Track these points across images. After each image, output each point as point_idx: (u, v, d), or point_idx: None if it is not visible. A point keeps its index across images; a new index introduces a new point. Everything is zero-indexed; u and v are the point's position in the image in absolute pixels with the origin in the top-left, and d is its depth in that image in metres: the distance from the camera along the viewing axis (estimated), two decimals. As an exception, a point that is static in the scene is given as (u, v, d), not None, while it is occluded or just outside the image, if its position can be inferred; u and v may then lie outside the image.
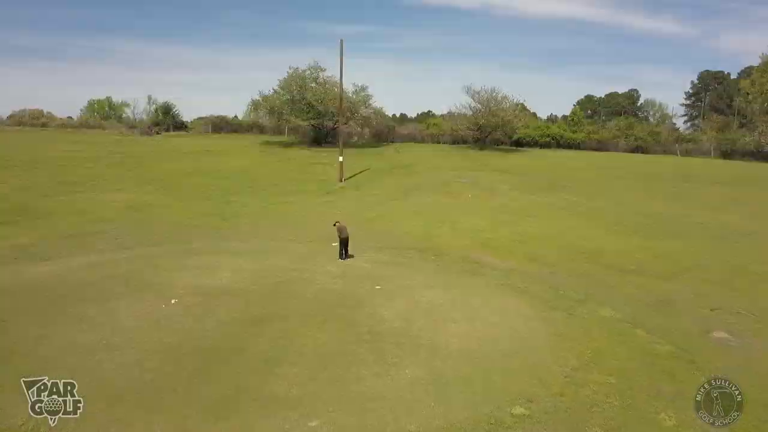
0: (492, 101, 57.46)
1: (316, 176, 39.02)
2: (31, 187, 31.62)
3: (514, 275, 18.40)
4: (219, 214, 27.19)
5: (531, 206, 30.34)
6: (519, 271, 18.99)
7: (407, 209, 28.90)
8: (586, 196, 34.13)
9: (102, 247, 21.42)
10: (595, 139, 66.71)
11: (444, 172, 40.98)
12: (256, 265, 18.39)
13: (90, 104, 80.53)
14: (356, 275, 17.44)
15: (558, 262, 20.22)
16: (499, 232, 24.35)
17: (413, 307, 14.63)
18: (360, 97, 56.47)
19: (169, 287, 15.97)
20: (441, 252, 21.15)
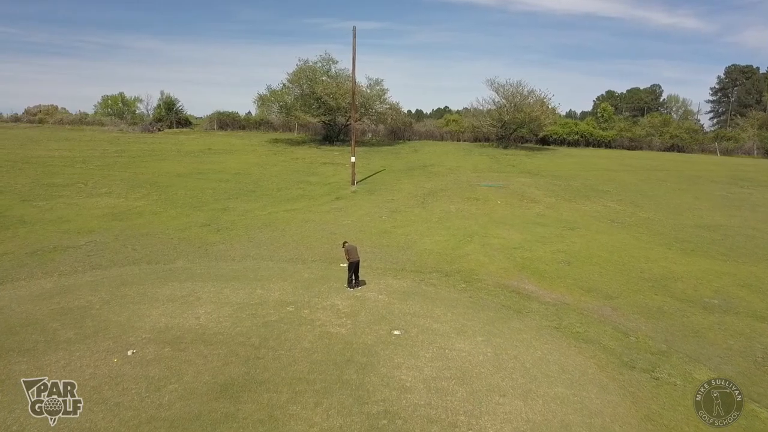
0: (517, 96, 53.28)
1: (326, 178, 35.32)
2: (10, 191, 28.43)
3: (569, 313, 14.56)
4: (213, 224, 23.65)
5: (571, 216, 26.38)
6: (573, 306, 15.12)
7: (428, 219, 25.10)
8: (631, 203, 30.05)
9: (69, 266, 18.02)
10: (627, 136, 62.23)
11: (467, 174, 37.08)
12: (243, 296, 14.81)
13: (104, 100, 78.25)
14: (368, 312, 13.76)
15: (619, 293, 16.30)
16: (538, 250, 20.47)
17: (444, 368, 10.90)
18: (375, 91, 52.68)
19: (131, 329, 12.50)
20: (472, 277, 17.36)
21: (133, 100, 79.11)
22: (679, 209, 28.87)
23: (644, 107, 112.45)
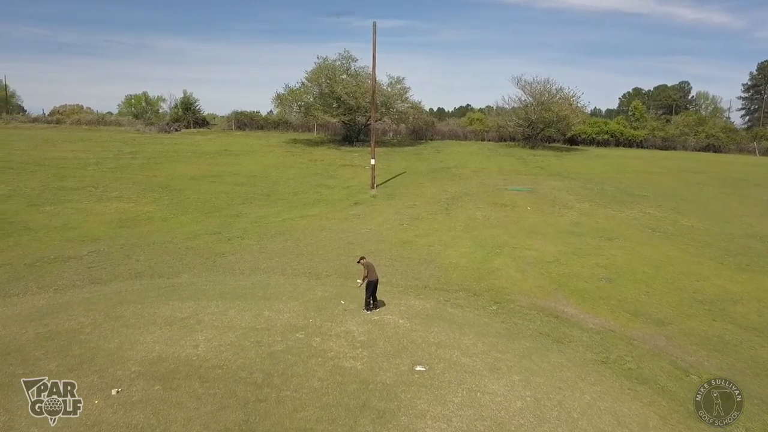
0: (545, 94, 51.04)
1: (344, 181, 33.79)
2: (19, 194, 27.56)
3: (616, 343, 12.74)
4: (223, 233, 22.29)
5: (608, 224, 24.39)
6: (620, 334, 13.29)
7: (453, 227, 23.37)
8: (672, 209, 27.88)
9: (67, 280, 16.81)
10: (660, 136, 59.43)
11: (493, 177, 35.21)
12: (249, 318, 13.33)
13: (127, 99, 78.26)
14: (387, 341, 12.14)
15: (671, 318, 14.40)
16: (575, 264, 18.61)
17: (476, 418, 9.23)
18: (396, 90, 50.93)
19: (120, 361, 11.08)
20: (503, 297, 15.62)
21: (156, 99, 79.02)
22: (725, 216, 26.63)
23: (672, 105, 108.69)
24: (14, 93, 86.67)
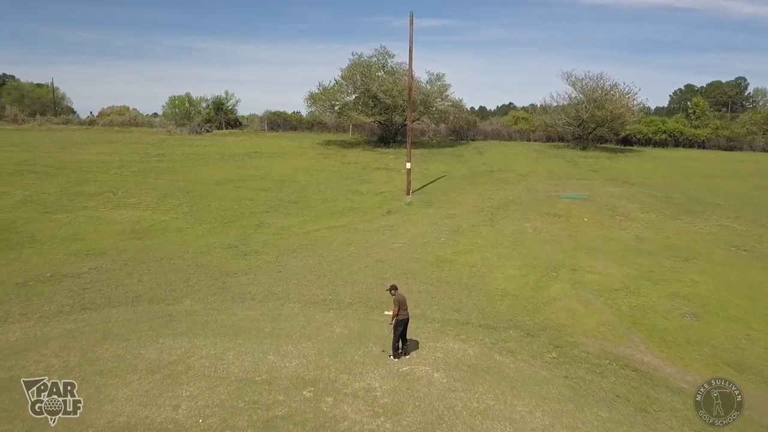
0: (598, 91, 47.05)
1: (378, 186, 31.14)
2: (35, 200, 26.12)
3: (723, 416, 9.60)
4: (240, 246, 20.00)
5: (680, 240, 20.89)
6: (725, 400, 10.13)
7: (498, 242, 20.38)
8: (753, 221, 24.05)
9: (56, 305, 14.82)
10: (725, 135, 54.36)
11: (542, 182, 31.89)
12: (248, 365, 10.85)
13: (171, 100, 78.03)
14: (418, 407, 9.41)
15: (787, 375, 11.13)
16: (649, 293, 15.39)
17: None
18: (436, 87, 47.97)
19: (78, 429, 8.70)
20: (564, 339, 12.63)
21: (199, 100, 78.51)
22: (822, 231, 22.65)
23: (728, 102, 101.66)
24: (64, 95, 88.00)
